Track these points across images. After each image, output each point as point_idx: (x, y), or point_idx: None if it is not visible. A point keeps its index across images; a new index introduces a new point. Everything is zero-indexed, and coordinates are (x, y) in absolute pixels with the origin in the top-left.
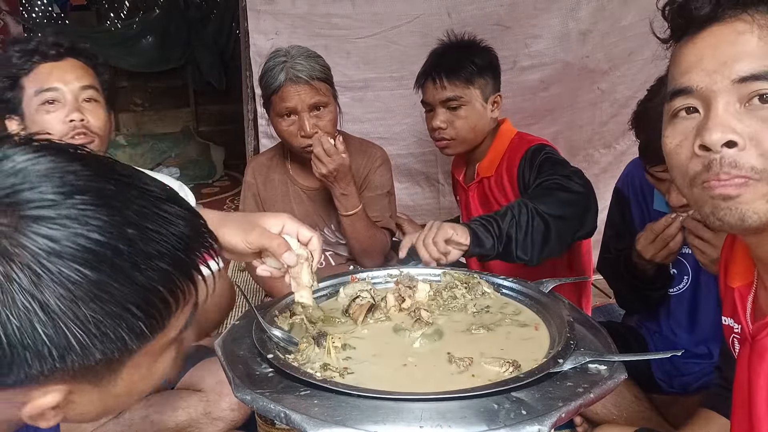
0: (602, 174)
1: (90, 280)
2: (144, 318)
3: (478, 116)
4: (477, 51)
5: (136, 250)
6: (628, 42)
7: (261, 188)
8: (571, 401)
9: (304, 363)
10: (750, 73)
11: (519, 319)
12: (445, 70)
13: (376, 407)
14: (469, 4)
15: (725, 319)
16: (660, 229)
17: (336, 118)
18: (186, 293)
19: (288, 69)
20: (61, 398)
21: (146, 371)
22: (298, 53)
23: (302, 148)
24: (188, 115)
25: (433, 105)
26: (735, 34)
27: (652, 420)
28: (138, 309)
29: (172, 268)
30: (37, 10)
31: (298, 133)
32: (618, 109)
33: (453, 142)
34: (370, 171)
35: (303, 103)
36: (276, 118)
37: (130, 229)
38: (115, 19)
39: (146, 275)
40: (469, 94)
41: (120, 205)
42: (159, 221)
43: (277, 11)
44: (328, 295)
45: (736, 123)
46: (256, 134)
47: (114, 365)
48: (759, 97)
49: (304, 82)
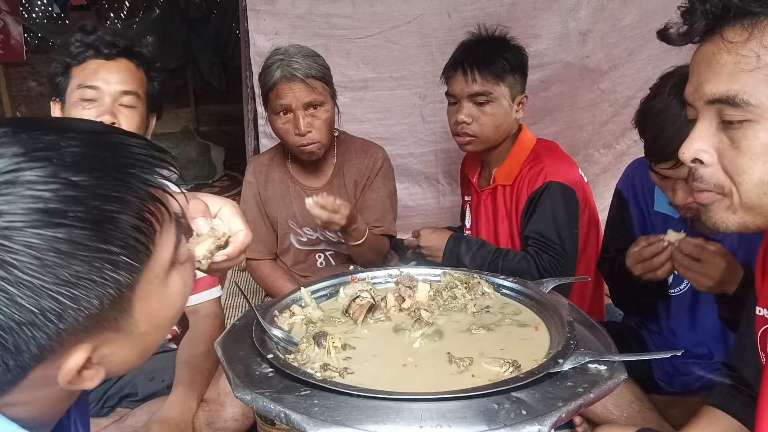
0: (602, 174)
1: (53, 238)
2: (123, 251)
3: (504, 115)
4: (509, 47)
5: (87, 191)
6: (628, 42)
7: (262, 188)
8: (571, 401)
9: (304, 363)
10: (715, 97)
11: (519, 319)
12: (477, 62)
13: (376, 407)
14: (469, 4)
15: (760, 310)
16: (648, 255)
17: (332, 118)
18: (157, 213)
19: (284, 67)
20: (86, 355)
21: (160, 298)
22: (296, 51)
23: (297, 147)
24: (188, 115)
25: (458, 98)
26: (711, 54)
27: (652, 420)
28: (112, 245)
29: (130, 195)
30: (37, 10)
31: (293, 130)
32: (618, 109)
33: (475, 140)
34: (372, 172)
35: (298, 101)
36: (272, 116)
37: (72, 173)
38: (115, 19)
39: (106, 211)
40: (499, 91)
41: (54, 155)
42: (100, 154)
43: (277, 11)
44: (328, 295)
45: (710, 140)
46: (256, 134)
47: (120, 305)
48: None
49: (299, 80)
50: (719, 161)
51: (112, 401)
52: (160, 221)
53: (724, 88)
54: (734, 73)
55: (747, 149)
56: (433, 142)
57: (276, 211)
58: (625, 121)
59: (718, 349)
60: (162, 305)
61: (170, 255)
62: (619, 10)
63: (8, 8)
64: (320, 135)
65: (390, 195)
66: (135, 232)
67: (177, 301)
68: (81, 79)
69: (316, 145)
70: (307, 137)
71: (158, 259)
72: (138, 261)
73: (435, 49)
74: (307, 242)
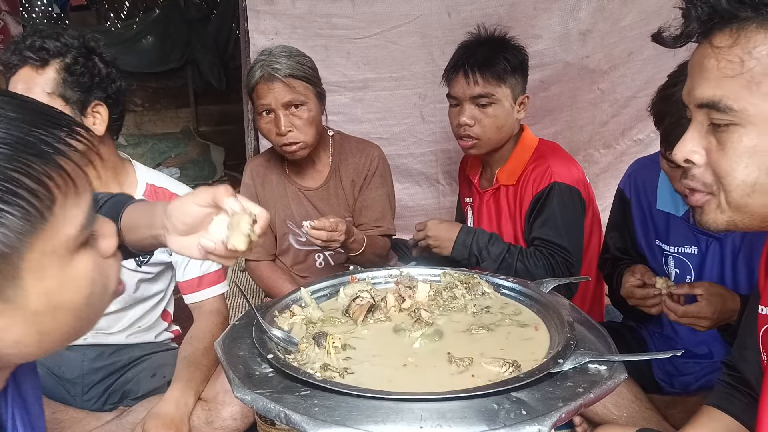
0: (602, 174)
1: None
2: (8, 208)
3: (506, 116)
4: (510, 48)
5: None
6: (628, 42)
7: (259, 189)
8: (571, 401)
9: (304, 363)
10: (703, 101)
11: (519, 319)
12: (479, 64)
13: (376, 407)
14: (469, 5)
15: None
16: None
17: (316, 117)
18: (60, 182)
19: (264, 67)
20: None
21: (60, 278)
22: (280, 52)
23: (279, 147)
24: (188, 115)
25: (460, 100)
26: (701, 58)
27: (651, 420)
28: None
29: (29, 154)
30: (37, 10)
31: (275, 130)
32: (618, 109)
33: (478, 143)
34: (369, 172)
35: (277, 101)
36: (256, 116)
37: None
38: (115, 19)
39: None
40: (500, 93)
41: None
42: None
43: (277, 11)
44: (328, 295)
45: (701, 141)
46: (256, 134)
47: (6, 270)
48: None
49: (278, 79)
50: (708, 162)
51: (114, 398)
52: (62, 191)
53: (710, 93)
54: (719, 79)
55: (731, 151)
56: (433, 142)
57: (274, 212)
58: (625, 121)
59: (718, 349)
60: (61, 286)
61: (74, 231)
62: (619, 10)
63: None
64: (303, 135)
65: (389, 194)
66: (26, 193)
67: (83, 286)
68: None
69: (298, 144)
70: (288, 137)
71: (55, 231)
72: (26, 224)
73: (435, 49)
74: (306, 242)
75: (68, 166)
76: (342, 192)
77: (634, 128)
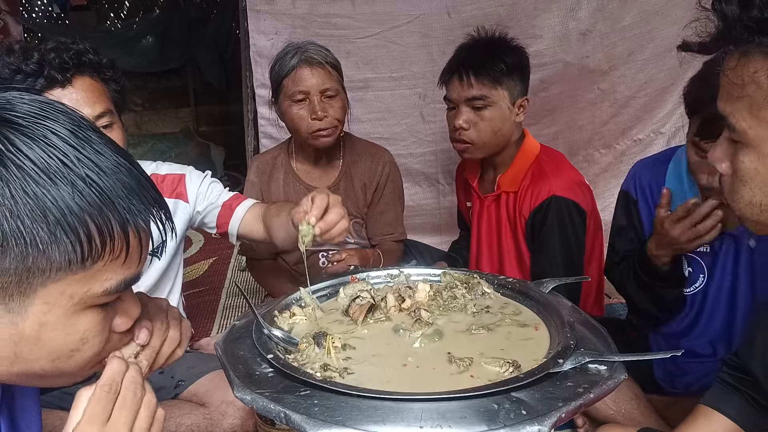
0: (602, 174)
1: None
2: (62, 237)
3: (503, 119)
4: (508, 49)
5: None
6: (628, 42)
7: (265, 187)
8: (571, 401)
9: (304, 363)
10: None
11: (519, 319)
12: (474, 67)
13: (376, 407)
14: (469, 4)
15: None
16: (698, 217)
17: (345, 108)
18: (113, 240)
19: (301, 53)
20: None
21: (62, 317)
22: (310, 43)
23: (310, 133)
24: (188, 115)
25: (456, 103)
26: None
27: (651, 419)
28: (63, 229)
29: (105, 206)
30: (37, 10)
31: (309, 116)
32: (618, 109)
33: (472, 147)
34: (381, 177)
35: (315, 86)
36: (286, 102)
37: (92, 166)
38: (115, 19)
39: (77, 197)
40: (496, 95)
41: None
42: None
43: (277, 11)
44: (328, 295)
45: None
46: (256, 134)
47: (24, 284)
48: None
49: (318, 63)
50: None
51: None
52: (113, 254)
53: (722, 107)
54: (729, 96)
55: (737, 170)
56: (433, 142)
57: None
58: (625, 121)
59: (722, 348)
60: (57, 325)
61: (99, 291)
62: (619, 10)
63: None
64: (337, 122)
65: (400, 198)
66: (84, 237)
67: (75, 338)
68: None
69: (332, 129)
70: (325, 121)
71: (85, 281)
72: (65, 260)
73: (435, 49)
74: None
75: (132, 240)
76: (353, 194)
77: (634, 128)
